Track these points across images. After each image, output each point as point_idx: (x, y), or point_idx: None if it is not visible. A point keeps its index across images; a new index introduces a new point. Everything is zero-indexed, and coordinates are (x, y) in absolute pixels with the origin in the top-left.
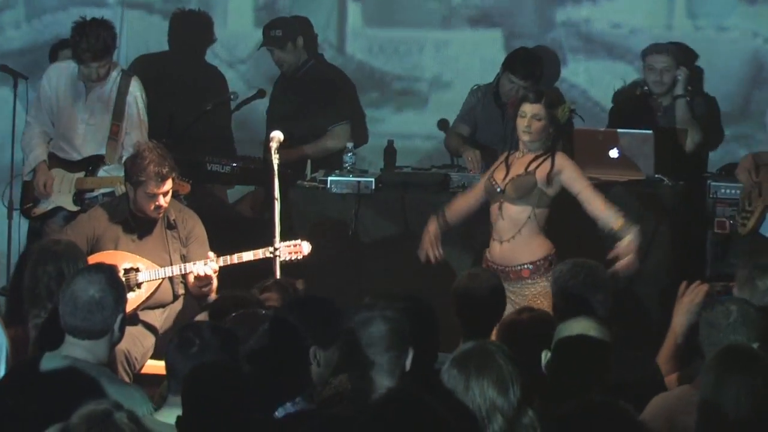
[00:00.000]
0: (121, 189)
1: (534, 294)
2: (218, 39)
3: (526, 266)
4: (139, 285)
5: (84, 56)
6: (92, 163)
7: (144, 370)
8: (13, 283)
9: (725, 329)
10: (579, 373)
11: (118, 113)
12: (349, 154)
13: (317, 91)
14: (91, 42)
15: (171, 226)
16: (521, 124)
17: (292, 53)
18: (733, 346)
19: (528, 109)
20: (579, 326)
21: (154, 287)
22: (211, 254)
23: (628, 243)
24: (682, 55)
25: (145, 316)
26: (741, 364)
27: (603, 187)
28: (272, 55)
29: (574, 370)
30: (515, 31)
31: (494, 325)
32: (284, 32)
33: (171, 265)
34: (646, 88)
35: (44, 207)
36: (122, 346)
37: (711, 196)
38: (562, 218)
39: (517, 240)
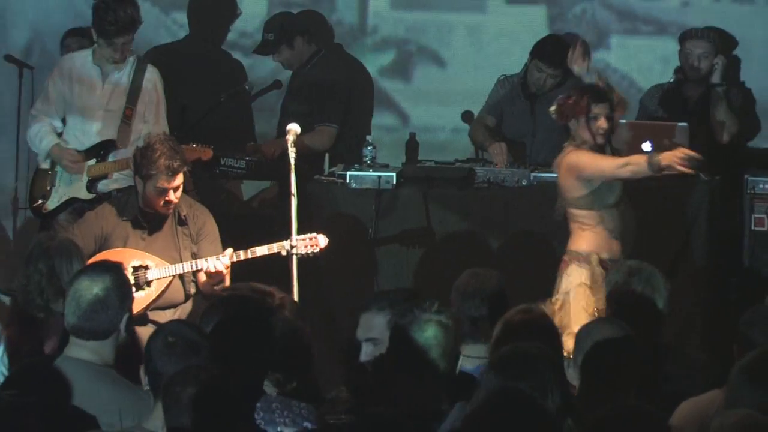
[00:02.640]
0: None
1: None
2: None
3: None
4: (148, 283)
5: (109, 30)
6: (103, 148)
7: None
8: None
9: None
10: (616, 378)
11: (133, 97)
12: (369, 147)
13: (312, 87)
14: (119, 14)
15: (182, 222)
16: (600, 126)
17: (288, 54)
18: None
19: (601, 110)
20: (604, 330)
21: (165, 286)
22: (229, 250)
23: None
24: (722, 41)
25: (155, 316)
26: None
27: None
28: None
29: (610, 375)
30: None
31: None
32: (276, 35)
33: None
34: (680, 76)
35: (55, 202)
36: None
37: (748, 191)
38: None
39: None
